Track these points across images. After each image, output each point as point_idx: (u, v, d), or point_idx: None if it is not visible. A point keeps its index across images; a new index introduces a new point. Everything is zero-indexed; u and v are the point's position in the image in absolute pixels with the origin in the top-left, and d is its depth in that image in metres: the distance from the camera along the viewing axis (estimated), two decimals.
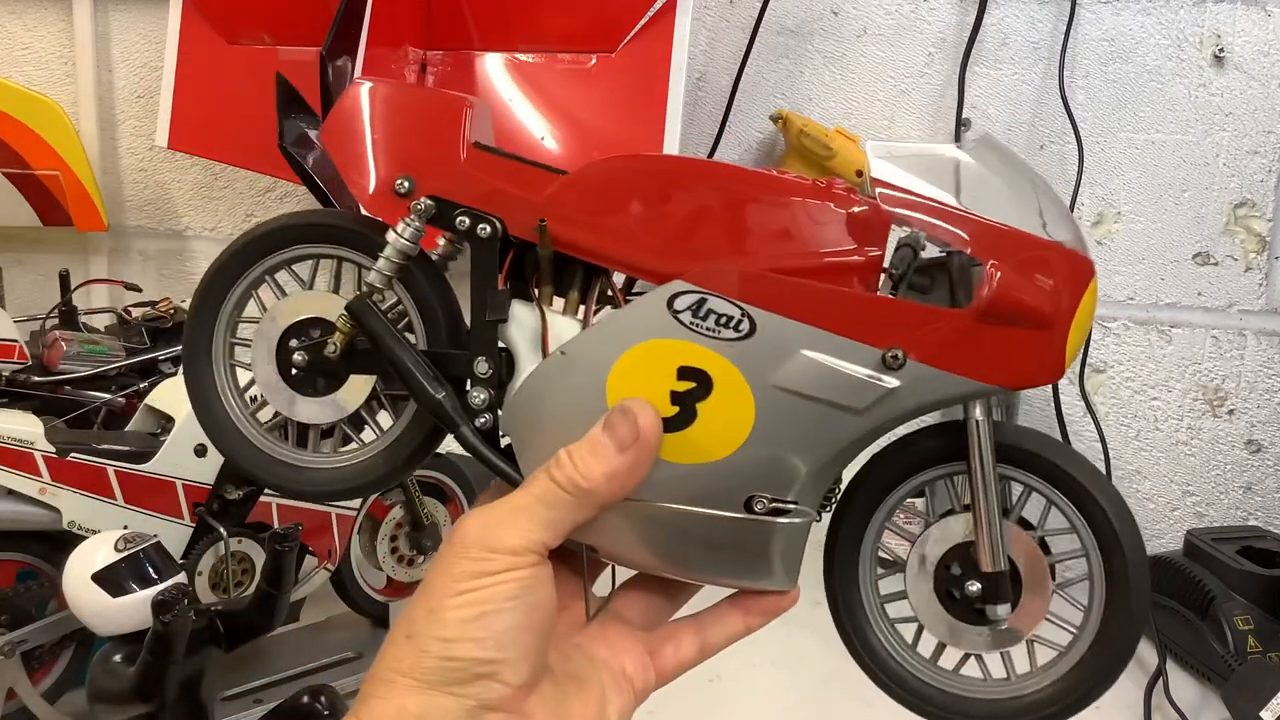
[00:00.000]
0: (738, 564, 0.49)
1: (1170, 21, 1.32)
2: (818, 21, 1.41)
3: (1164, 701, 1.11)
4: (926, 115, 1.39)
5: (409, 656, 0.43)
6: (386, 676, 0.43)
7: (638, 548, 0.49)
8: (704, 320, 0.47)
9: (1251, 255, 1.33)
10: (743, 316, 0.46)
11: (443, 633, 0.43)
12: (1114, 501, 0.48)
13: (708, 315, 0.47)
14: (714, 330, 0.47)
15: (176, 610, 0.87)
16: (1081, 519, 0.49)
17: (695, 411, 0.47)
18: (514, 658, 0.43)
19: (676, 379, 0.47)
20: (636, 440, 0.46)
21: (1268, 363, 1.34)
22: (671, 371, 0.47)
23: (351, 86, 0.53)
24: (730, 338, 0.46)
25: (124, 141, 1.60)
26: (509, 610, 0.43)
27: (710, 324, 0.47)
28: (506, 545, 0.45)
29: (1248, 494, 1.37)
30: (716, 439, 0.47)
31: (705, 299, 0.47)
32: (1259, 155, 1.31)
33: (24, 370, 1.14)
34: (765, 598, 0.52)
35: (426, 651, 0.43)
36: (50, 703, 1.01)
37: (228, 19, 1.43)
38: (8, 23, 1.60)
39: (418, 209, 0.50)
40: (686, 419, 0.47)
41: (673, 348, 0.47)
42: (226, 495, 1.07)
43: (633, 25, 1.33)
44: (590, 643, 0.51)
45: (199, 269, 1.62)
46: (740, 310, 0.46)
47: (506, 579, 0.44)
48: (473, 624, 0.43)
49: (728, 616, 0.53)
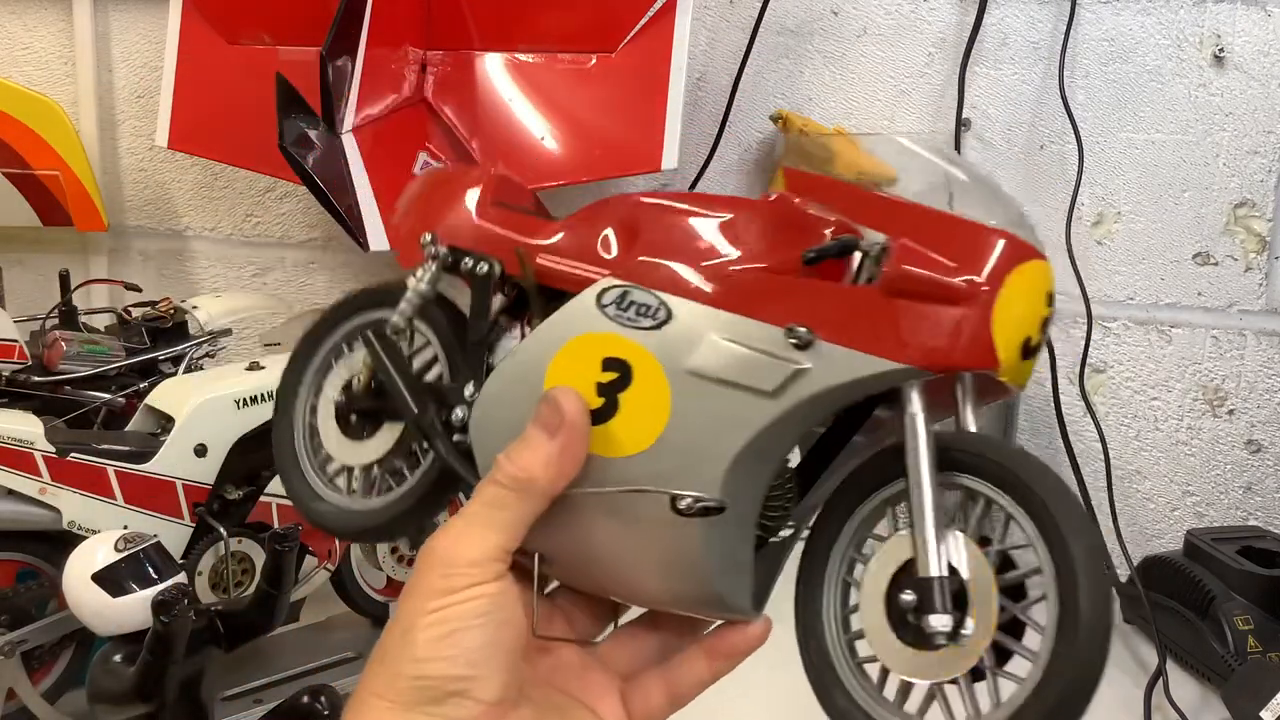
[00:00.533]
0: (680, 580, 0.48)
1: (1170, 21, 1.32)
2: (818, 21, 1.41)
3: (1164, 701, 1.11)
4: (926, 115, 1.39)
5: (383, 679, 0.44)
6: (364, 699, 0.44)
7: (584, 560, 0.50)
8: (626, 311, 0.48)
9: (1251, 255, 1.33)
10: (660, 305, 0.48)
11: (414, 653, 0.44)
12: (1071, 515, 0.43)
13: (630, 306, 0.48)
14: (634, 320, 0.48)
15: (176, 610, 0.87)
16: (1037, 532, 0.44)
17: (618, 402, 0.48)
18: (485, 675, 0.44)
19: (601, 370, 0.48)
20: (563, 423, 0.47)
21: (1268, 363, 1.34)
22: (597, 363, 0.48)
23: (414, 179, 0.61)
24: (648, 326, 0.48)
25: (124, 141, 1.60)
26: (478, 628, 0.44)
27: (631, 314, 0.48)
28: (466, 557, 0.45)
29: (1248, 494, 1.37)
30: (638, 429, 0.47)
31: (628, 291, 0.48)
32: (1259, 155, 1.31)
33: (24, 370, 1.14)
34: (728, 634, 0.51)
35: (400, 673, 0.44)
36: (50, 703, 1.01)
37: (228, 19, 1.43)
38: (8, 23, 1.60)
39: (430, 254, 0.55)
40: (610, 410, 0.48)
41: (598, 340, 0.48)
42: (226, 495, 1.07)
43: (633, 25, 1.33)
44: (570, 683, 0.52)
45: (199, 269, 1.62)
46: (658, 299, 0.48)
47: (473, 595, 0.45)
48: (443, 642, 0.44)
49: (693, 660, 0.52)
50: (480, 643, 0.44)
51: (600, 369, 0.48)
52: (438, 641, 0.44)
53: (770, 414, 0.46)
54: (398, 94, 1.36)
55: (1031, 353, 0.46)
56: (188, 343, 1.23)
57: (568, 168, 1.36)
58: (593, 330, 0.48)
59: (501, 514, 0.46)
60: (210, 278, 1.62)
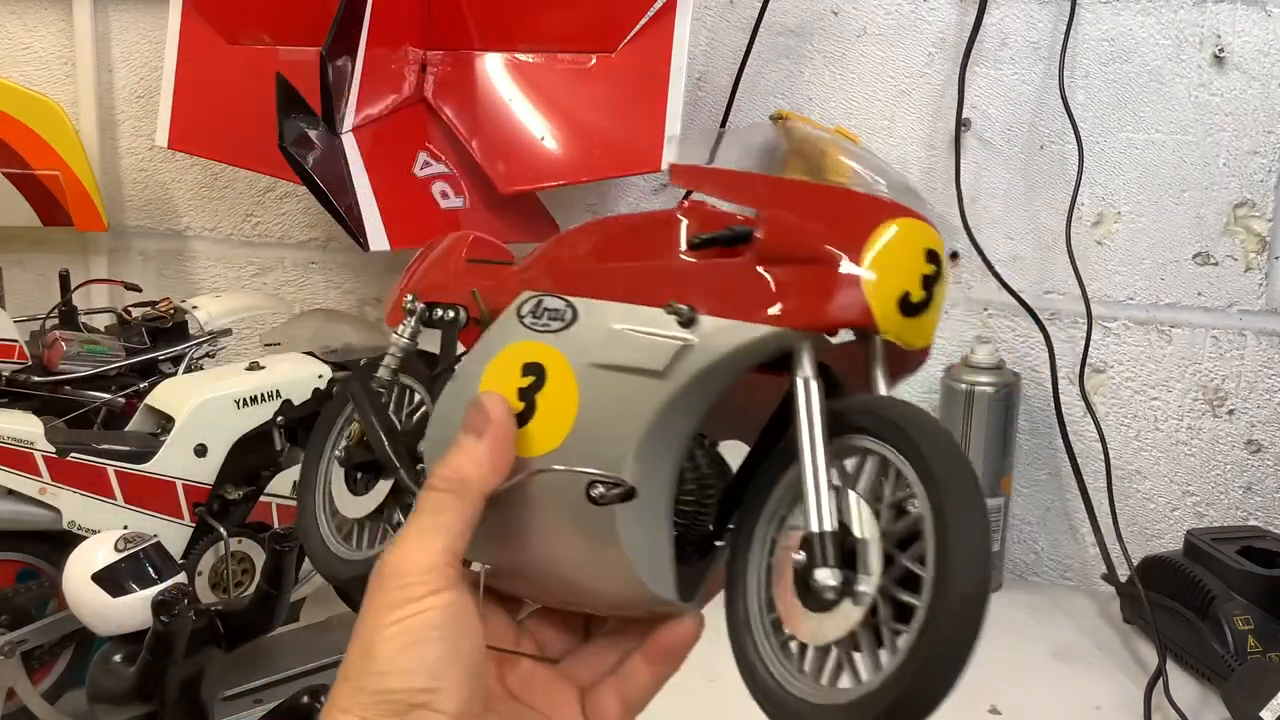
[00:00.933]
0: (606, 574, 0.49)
1: (1170, 21, 1.32)
2: (818, 21, 1.41)
3: (1164, 701, 1.11)
4: (926, 115, 1.39)
5: (348, 696, 0.45)
6: (331, 716, 0.45)
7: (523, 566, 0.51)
8: (540, 318, 0.51)
9: (1251, 255, 1.33)
10: (567, 306, 0.50)
11: (376, 667, 0.45)
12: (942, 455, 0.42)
13: (543, 313, 0.51)
14: (546, 325, 0.50)
15: (176, 610, 0.88)
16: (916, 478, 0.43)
17: (535, 403, 0.50)
18: (446, 687, 0.45)
19: (521, 375, 0.50)
20: (489, 422, 0.49)
21: (1268, 363, 1.34)
22: (517, 370, 0.50)
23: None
24: (557, 328, 0.50)
25: (124, 141, 1.60)
26: (436, 640, 0.45)
27: (544, 319, 0.51)
28: (415, 565, 0.46)
29: (1248, 494, 1.37)
30: (553, 427, 0.49)
31: (541, 299, 0.51)
32: (1259, 155, 1.31)
33: (24, 370, 1.14)
34: (663, 632, 0.52)
35: (363, 689, 0.45)
36: (50, 703, 1.01)
37: (228, 19, 1.42)
38: (8, 23, 1.60)
39: (407, 309, 0.60)
40: (530, 412, 0.50)
41: (519, 348, 0.51)
42: (226, 495, 1.07)
43: (633, 25, 1.33)
44: (536, 696, 0.52)
45: (199, 269, 1.62)
46: (565, 302, 0.50)
47: (427, 606, 0.45)
48: (402, 655, 0.45)
49: (638, 666, 0.53)
50: (439, 655, 0.45)
51: (520, 374, 0.50)
52: (397, 654, 0.45)
53: (664, 394, 0.47)
54: (398, 94, 1.36)
55: (915, 309, 0.47)
56: (188, 343, 1.23)
57: (568, 168, 1.36)
58: (514, 340, 0.51)
59: (441, 519, 0.47)
60: (210, 278, 1.62)
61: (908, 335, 0.47)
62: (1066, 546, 1.42)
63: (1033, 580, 1.43)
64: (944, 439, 0.44)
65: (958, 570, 0.40)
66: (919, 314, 0.47)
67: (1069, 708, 1.14)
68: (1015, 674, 1.19)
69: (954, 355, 1.40)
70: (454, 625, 0.46)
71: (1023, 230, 1.39)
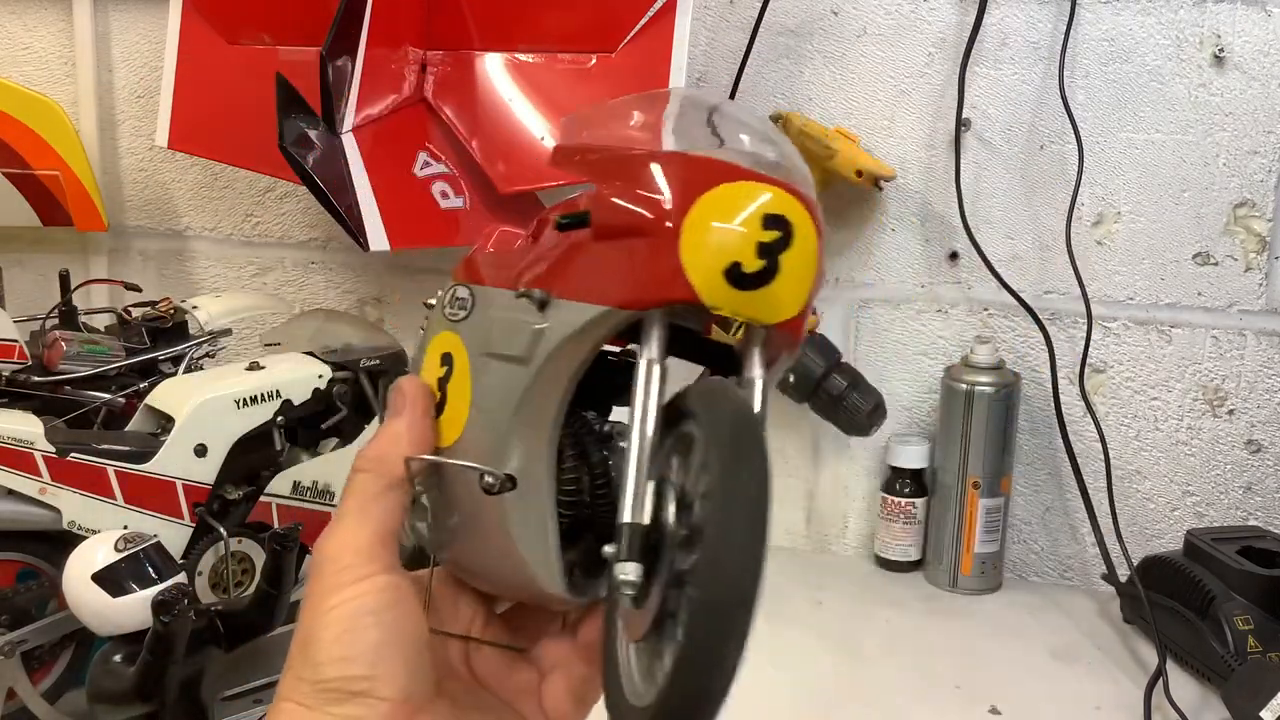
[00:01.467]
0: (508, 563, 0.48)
1: (1170, 21, 1.32)
2: (818, 21, 1.41)
3: (1164, 701, 1.11)
4: (926, 115, 1.39)
5: (289, 684, 0.45)
6: (278, 706, 0.46)
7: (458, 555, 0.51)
8: (452, 308, 0.50)
9: (1251, 255, 1.33)
10: (469, 296, 0.50)
11: (316, 655, 0.45)
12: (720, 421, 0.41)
13: (455, 303, 0.50)
14: (455, 314, 0.50)
15: (176, 610, 0.88)
16: (705, 479, 0.40)
17: (447, 394, 0.49)
18: (384, 673, 0.44)
19: (439, 365, 0.50)
20: (405, 402, 0.49)
21: (1268, 363, 1.34)
22: (437, 360, 0.50)
23: None
24: (461, 317, 0.50)
25: (124, 141, 1.60)
26: (372, 626, 0.45)
27: (455, 309, 0.50)
28: (351, 548, 0.46)
29: (1248, 494, 1.37)
30: (457, 416, 0.48)
31: (455, 289, 0.51)
32: (1259, 155, 1.31)
33: (24, 370, 1.14)
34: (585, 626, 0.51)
35: (303, 678, 0.45)
36: (50, 703, 1.01)
37: (228, 19, 1.43)
38: (8, 23, 1.60)
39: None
40: (443, 403, 0.49)
41: (440, 340, 0.50)
42: (226, 495, 1.07)
43: (633, 25, 1.33)
44: (501, 682, 0.52)
45: (199, 269, 1.62)
46: (469, 291, 0.50)
47: (361, 590, 0.45)
48: (338, 643, 0.45)
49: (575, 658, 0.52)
50: (376, 641, 0.44)
51: (439, 365, 0.50)
52: (335, 641, 0.44)
53: (525, 380, 0.46)
54: (398, 94, 1.36)
55: (751, 281, 0.43)
56: (188, 343, 1.23)
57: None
58: (436, 331, 0.51)
59: (369, 501, 0.47)
60: (210, 278, 1.62)
61: (748, 309, 0.43)
62: (1066, 546, 1.42)
63: (1033, 580, 1.43)
64: (737, 430, 0.41)
65: (710, 573, 0.38)
66: (759, 286, 0.43)
67: (1069, 708, 1.14)
68: (1015, 674, 1.19)
69: (954, 355, 1.40)
70: (391, 609, 0.45)
71: (1023, 230, 1.39)
